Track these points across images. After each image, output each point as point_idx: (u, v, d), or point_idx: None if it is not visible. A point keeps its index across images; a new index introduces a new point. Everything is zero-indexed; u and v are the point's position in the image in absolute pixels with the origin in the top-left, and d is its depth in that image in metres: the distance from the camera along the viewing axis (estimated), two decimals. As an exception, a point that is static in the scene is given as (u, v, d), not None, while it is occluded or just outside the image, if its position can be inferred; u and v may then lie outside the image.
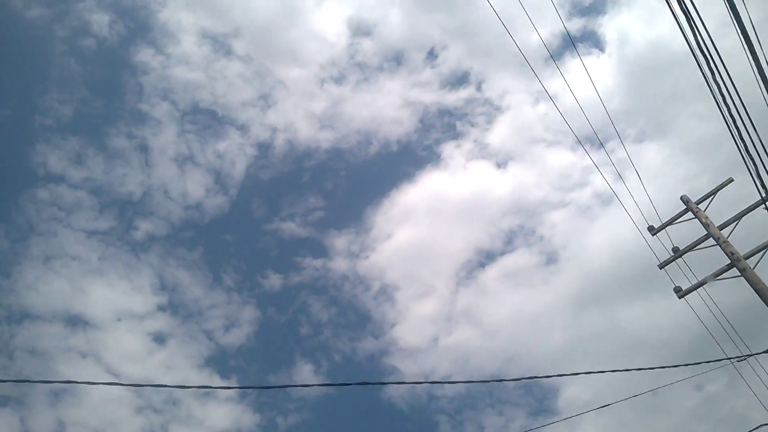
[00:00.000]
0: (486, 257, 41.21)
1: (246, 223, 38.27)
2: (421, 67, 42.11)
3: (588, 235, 40.49)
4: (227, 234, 38.10)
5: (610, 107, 42.34)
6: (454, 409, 36.29)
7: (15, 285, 30.84)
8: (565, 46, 43.94)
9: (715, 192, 10.16)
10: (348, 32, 40.70)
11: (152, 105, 35.35)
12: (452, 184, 42.61)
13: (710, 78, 5.80)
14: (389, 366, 37.38)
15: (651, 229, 10.82)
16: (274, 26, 40.30)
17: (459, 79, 42.13)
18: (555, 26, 41.88)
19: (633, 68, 38.90)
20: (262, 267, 38.20)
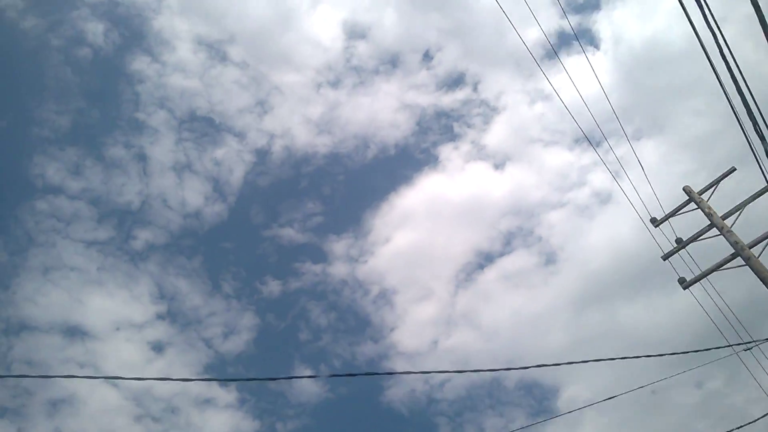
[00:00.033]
0: (485, 259, 41.21)
1: (245, 229, 38.16)
2: (416, 69, 42.19)
3: (586, 234, 40.55)
4: (226, 241, 37.97)
5: (605, 105, 42.44)
6: (454, 412, 36.16)
7: (14, 297, 30.62)
8: (560, 45, 44.11)
9: (717, 182, 10.12)
10: (343, 36, 40.76)
11: (149, 113, 35.24)
12: (450, 186, 42.64)
13: (717, 62, 5.74)
14: (389, 370, 37.22)
15: (654, 220, 10.76)
16: (268, 32, 40.31)
17: (455, 81, 42.20)
18: (549, 25, 42.02)
19: (628, 65, 39.10)
20: (261, 273, 38.07)
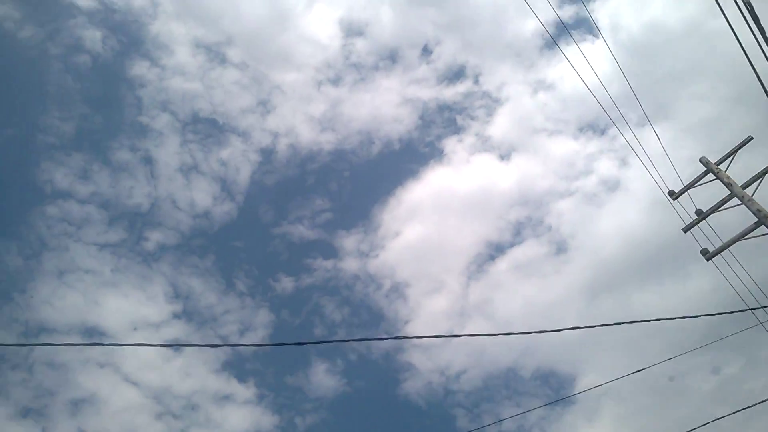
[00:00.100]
0: (495, 250, 41.26)
1: (255, 228, 38.36)
2: (416, 63, 42.26)
3: (596, 222, 40.56)
4: (237, 240, 38.18)
5: (603, 95, 42.41)
6: (472, 403, 36.30)
7: (31, 300, 30.98)
8: (559, 35, 44.09)
9: (735, 151, 10.18)
10: (340, 33, 40.87)
11: (152, 117, 35.51)
12: (457, 178, 42.69)
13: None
14: (404, 362, 37.43)
15: (672, 193, 10.85)
16: (266, 32, 40.47)
17: (456, 74, 42.25)
18: (548, 15, 41.99)
19: (628, 52, 38.98)
20: (274, 271, 38.28)
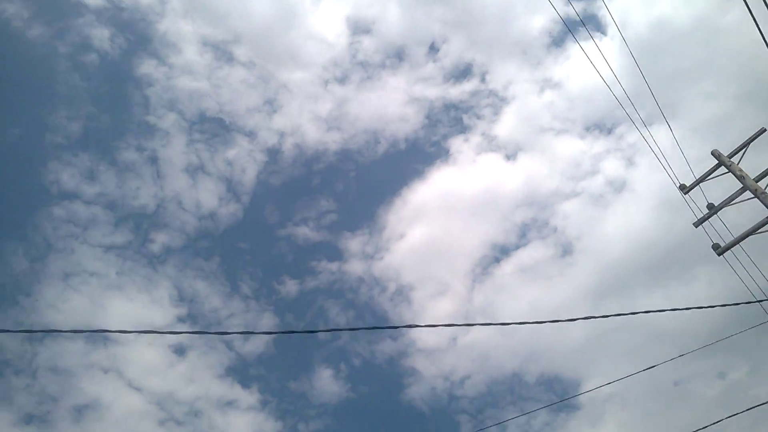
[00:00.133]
0: (500, 252, 40.97)
1: (260, 229, 38.26)
2: (423, 61, 42.13)
3: (602, 224, 40.20)
4: (242, 242, 38.08)
5: (616, 91, 42.11)
6: (476, 409, 35.94)
7: (36, 303, 30.92)
8: (566, 32, 43.89)
9: (747, 143, 9.94)
10: (347, 31, 40.83)
11: (159, 116, 35.51)
12: (463, 179, 42.45)
13: None
14: (409, 367, 37.13)
15: (683, 187, 10.61)
16: (273, 30, 40.49)
17: (462, 72, 42.08)
18: (555, 13, 41.77)
19: (636, 50, 38.68)
20: (278, 273, 38.11)
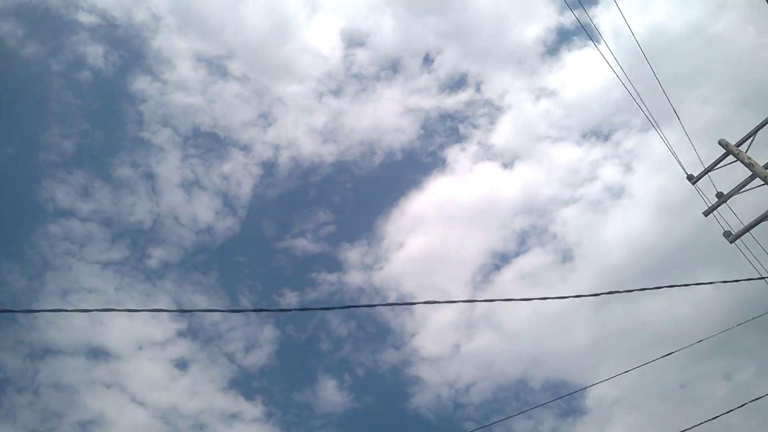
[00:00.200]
0: (500, 259, 40.83)
1: (258, 243, 38.06)
2: (417, 73, 42.31)
3: (602, 229, 40.18)
4: (240, 255, 37.82)
5: (611, 98, 42.30)
6: (482, 416, 35.62)
7: (35, 321, 30.58)
8: (561, 41, 44.21)
9: (755, 132, 9.91)
10: (341, 44, 41.02)
11: (153, 132, 35.43)
12: (460, 188, 42.44)
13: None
14: (413, 376, 36.81)
15: (690, 177, 10.56)
16: (267, 44, 40.63)
17: (457, 82, 42.25)
18: (549, 21, 42.15)
19: (631, 57, 38.99)
20: (278, 286, 37.85)
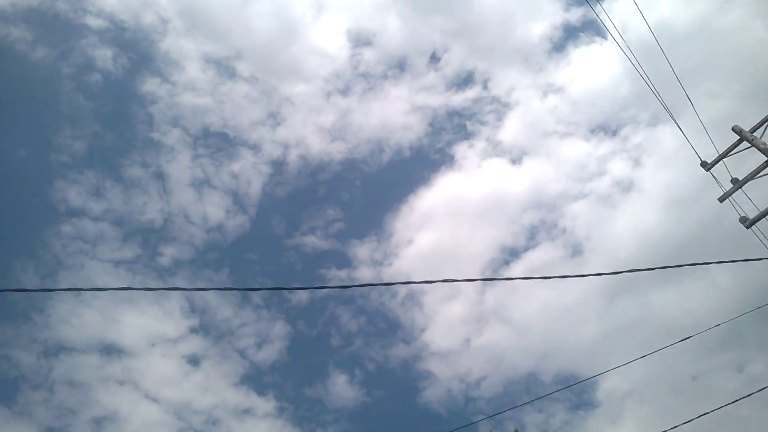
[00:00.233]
0: (510, 254, 41.02)
1: (268, 240, 38.44)
2: (424, 71, 42.48)
3: (611, 223, 40.24)
4: (251, 252, 38.19)
5: (619, 94, 42.19)
6: (492, 409, 35.77)
7: (49, 320, 31.02)
8: (567, 38, 44.23)
9: (769, 118, 9.97)
10: (348, 44, 41.25)
11: (164, 133, 35.80)
12: (469, 184, 42.63)
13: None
14: (423, 370, 37.04)
15: (704, 164, 10.63)
16: (275, 45, 40.94)
17: (464, 80, 42.41)
18: (555, 18, 42.17)
19: (638, 53, 38.82)
20: (288, 282, 38.13)
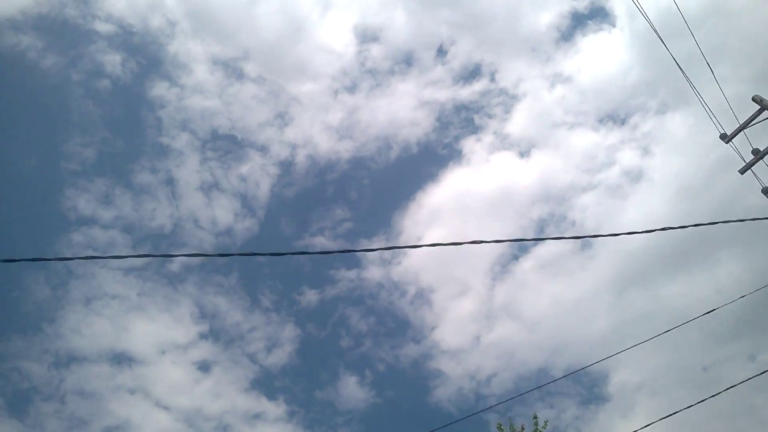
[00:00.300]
0: (519, 249, 40.64)
1: (277, 242, 38.28)
2: (432, 65, 42.32)
3: (621, 214, 39.84)
4: (260, 255, 38.13)
5: (628, 81, 41.93)
6: (504, 407, 35.45)
7: (60, 329, 30.99)
8: (575, 26, 43.99)
9: (788, 84, 9.82)
10: (355, 40, 41.19)
11: (172, 137, 35.83)
12: (477, 178, 42.37)
13: None
14: (434, 369, 36.73)
15: (724, 136, 10.48)
16: (281, 44, 40.95)
17: (471, 73, 42.18)
18: (563, 7, 41.97)
19: (646, 39, 38.51)
20: (298, 284, 38.07)
